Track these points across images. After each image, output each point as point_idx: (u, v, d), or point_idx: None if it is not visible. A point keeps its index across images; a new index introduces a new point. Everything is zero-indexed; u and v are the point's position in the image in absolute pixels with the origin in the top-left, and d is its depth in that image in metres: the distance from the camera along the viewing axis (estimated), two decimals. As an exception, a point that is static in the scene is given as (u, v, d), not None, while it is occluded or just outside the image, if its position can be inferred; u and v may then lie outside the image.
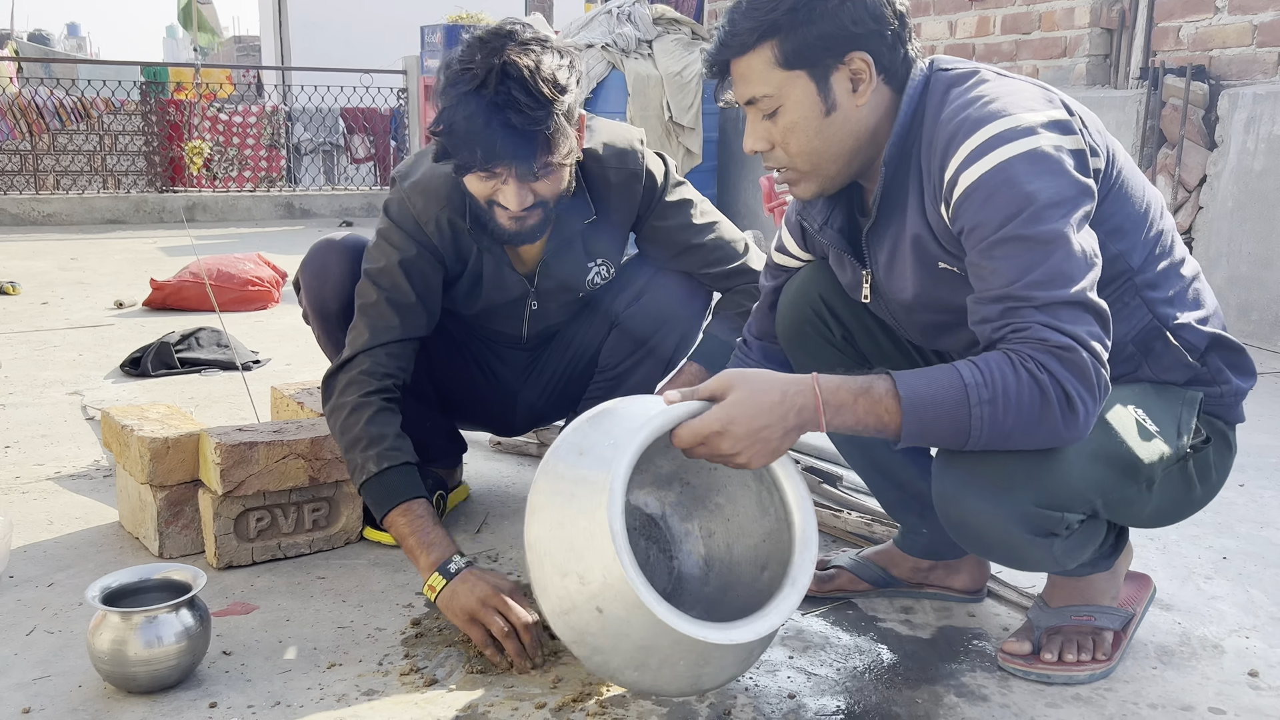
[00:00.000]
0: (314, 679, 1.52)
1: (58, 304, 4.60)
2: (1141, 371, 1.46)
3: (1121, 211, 1.40)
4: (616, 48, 6.39)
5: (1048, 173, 1.28)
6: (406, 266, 1.84)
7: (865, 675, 1.55)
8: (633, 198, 1.93)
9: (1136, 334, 1.44)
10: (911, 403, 1.26)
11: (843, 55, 1.37)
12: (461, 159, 1.65)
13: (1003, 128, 1.30)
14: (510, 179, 1.67)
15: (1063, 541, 1.39)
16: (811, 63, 1.37)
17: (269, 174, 9.02)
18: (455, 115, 1.62)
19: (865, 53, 1.37)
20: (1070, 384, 1.24)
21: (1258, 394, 3.23)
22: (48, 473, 2.41)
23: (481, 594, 1.56)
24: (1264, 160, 3.87)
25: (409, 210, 1.86)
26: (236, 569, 1.89)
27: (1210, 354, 1.46)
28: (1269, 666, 1.59)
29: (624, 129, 1.97)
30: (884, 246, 1.49)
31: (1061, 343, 1.24)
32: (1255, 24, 4.01)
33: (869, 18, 1.36)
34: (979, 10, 5.36)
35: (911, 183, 1.42)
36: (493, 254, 1.91)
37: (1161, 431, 1.41)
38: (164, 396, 3.06)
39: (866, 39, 1.37)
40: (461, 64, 1.64)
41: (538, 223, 1.76)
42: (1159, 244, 1.44)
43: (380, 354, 1.80)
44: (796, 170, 1.44)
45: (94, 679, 1.50)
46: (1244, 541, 2.07)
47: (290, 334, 4.00)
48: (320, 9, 15.53)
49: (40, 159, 8.56)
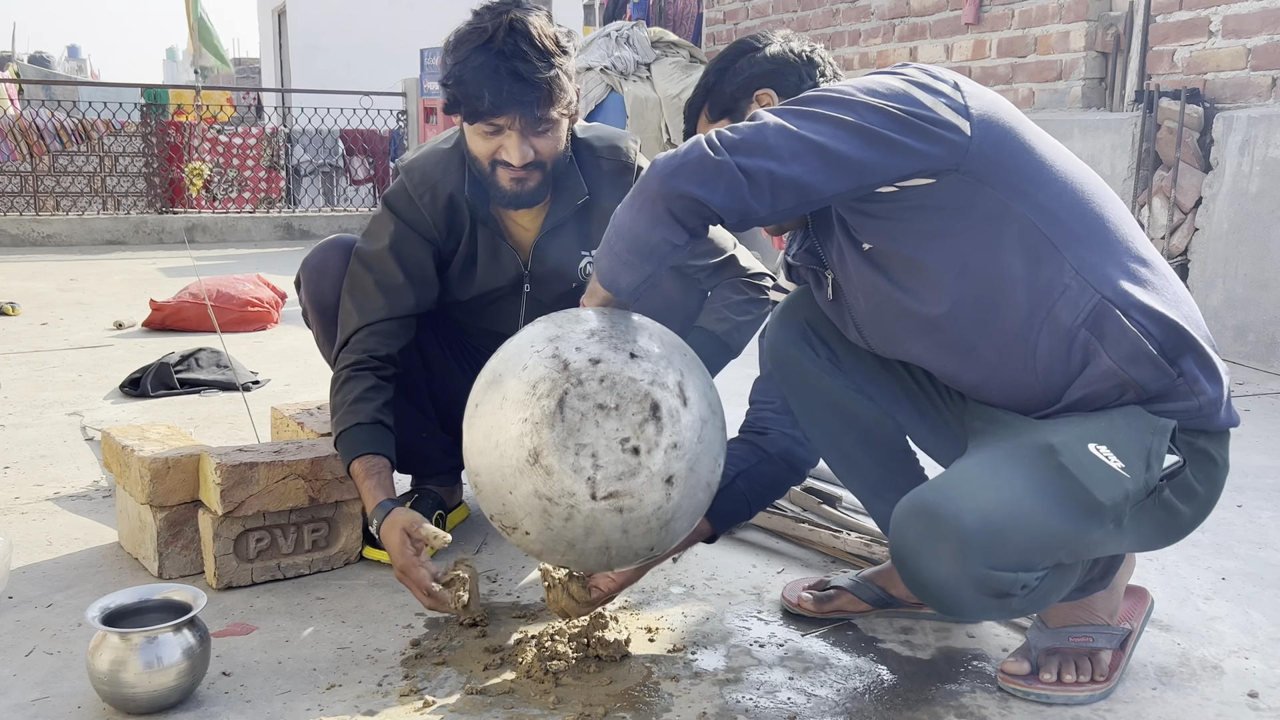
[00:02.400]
0: (313, 700, 1.52)
1: (57, 324, 4.61)
2: (1101, 360, 1.39)
3: (1013, 166, 1.37)
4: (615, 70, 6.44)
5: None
6: (396, 249, 1.95)
7: (865, 696, 1.55)
8: (624, 189, 1.97)
9: (1085, 317, 1.38)
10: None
11: (752, 94, 1.65)
12: (470, 106, 1.77)
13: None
14: (513, 131, 1.78)
15: (1021, 599, 1.39)
16: (729, 110, 1.67)
17: (268, 195, 9.04)
18: (465, 66, 1.76)
19: (769, 89, 1.64)
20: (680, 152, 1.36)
21: (1254, 415, 3.25)
22: (47, 493, 2.41)
23: (392, 542, 1.68)
24: (1259, 182, 3.89)
25: (405, 189, 1.96)
26: (236, 589, 1.89)
27: (1183, 359, 1.39)
28: (1269, 688, 1.59)
29: (618, 131, 2.07)
30: (832, 243, 1.54)
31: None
32: (1249, 48, 4.05)
33: (768, 64, 1.66)
34: (975, 34, 5.41)
35: None
36: (488, 227, 1.96)
37: (1127, 466, 1.36)
38: (163, 417, 3.07)
39: (768, 78, 1.65)
40: (471, 24, 1.80)
41: (537, 186, 1.86)
42: (1081, 208, 1.40)
43: (364, 335, 1.92)
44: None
45: (94, 700, 1.50)
46: (1242, 562, 2.07)
47: (290, 354, 4.00)
48: (320, 32, 15.61)
49: (40, 180, 8.58)
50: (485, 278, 2.01)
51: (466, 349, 2.18)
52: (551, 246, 1.99)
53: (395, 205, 1.97)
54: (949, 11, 5.56)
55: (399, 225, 1.96)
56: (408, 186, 1.95)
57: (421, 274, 1.97)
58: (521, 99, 1.74)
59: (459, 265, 2.00)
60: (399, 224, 1.96)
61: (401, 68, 10.98)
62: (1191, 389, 1.40)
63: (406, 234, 1.95)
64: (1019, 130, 1.40)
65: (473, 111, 1.77)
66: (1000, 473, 1.38)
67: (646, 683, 1.57)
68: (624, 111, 6.34)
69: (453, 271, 2.01)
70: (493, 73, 1.73)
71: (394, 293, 1.94)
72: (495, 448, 1.40)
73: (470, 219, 1.96)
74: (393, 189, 1.99)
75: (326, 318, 2.04)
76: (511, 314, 2.08)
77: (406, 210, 1.96)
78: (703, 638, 1.73)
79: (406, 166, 1.97)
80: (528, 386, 1.38)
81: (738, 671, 1.62)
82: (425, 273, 1.97)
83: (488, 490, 1.43)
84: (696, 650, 1.69)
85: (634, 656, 1.65)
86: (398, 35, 14.01)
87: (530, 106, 1.75)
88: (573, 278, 2.04)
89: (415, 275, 1.96)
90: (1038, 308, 1.40)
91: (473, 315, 2.11)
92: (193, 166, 8.64)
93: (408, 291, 1.95)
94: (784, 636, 1.74)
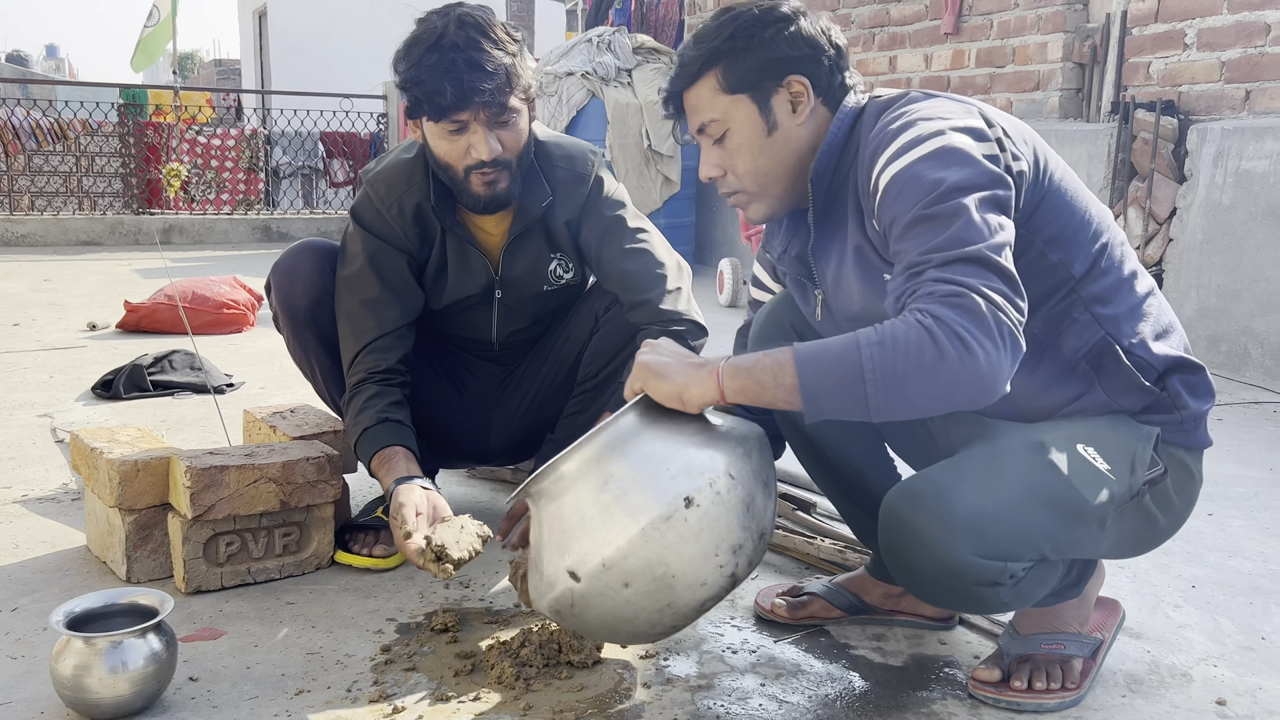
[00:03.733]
0: (281, 706, 1.50)
1: (29, 325, 4.56)
2: (1095, 393, 1.45)
3: (1058, 220, 1.42)
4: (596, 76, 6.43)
5: (955, 164, 1.30)
6: (374, 264, 1.96)
7: (837, 703, 1.55)
8: (576, 199, 1.99)
9: (1088, 350, 1.44)
10: (803, 352, 1.27)
11: (781, 78, 1.46)
12: (433, 103, 1.76)
13: (915, 134, 1.35)
14: (479, 125, 1.79)
15: (1009, 589, 1.40)
16: (752, 86, 1.46)
17: (247, 197, 8.99)
18: (420, 66, 1.76)
19: (803, 76, 1.46)
20: (960, 325, 1.19)
21: (1226, 424, 3.28)
22: (14, 495, 2.38)
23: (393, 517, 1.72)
24: (1232, 194, 3.93)
25: (371, 202, 1.96)
26: (205, 594, 1.87)
27: (1169, 377, 1.46)
28: (1236, 695, 1.60)
29: (584, 144, 2.07)
30: (830, 262, 1.52)
31: (951, 290, 1.22)
32: (1223, 61, 4.09)
33: (805, 44, 1.46)
34: (954, 44, 5.44)
35: (849, 200, 1.47)
36: (456, 234, 1.97)
37: (1113, 469, 1.41)
38: (136, 419, 3.04)
39: (803, 63, 1.46)
40: (419, 28, 1.80)
41: (506, 186, 1.86)
42: (1105, 256, 1.45)
43: (363, 357, 1.96)
44: (746, 193, 1.52)
45: (57, 706, 1.48)
46: (1212, 570, 2.09)
47: (265, 357, 3.98)
48: (301, 33, 15.55)
49: (15, 179, 8.50)
50: (456, 286, 2.01)
51: (440, 355, 2.17)
52: (520, 252, 2.00)
53: (364, 220, 1.97)
54: (928, 21, 5.60)
55: (371, 240, 1.96)
56: (374, 200, 1.96)
57: (402, 285, 1.98)
58: (481, 86, 1.74)
59: (431, 274, 2.01)
60: (371, 239, 1.96)
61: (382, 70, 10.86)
62: (1174, 403, 1.46)
63: (380, 247, 1.96)
64: (1053, 168, 1.43)
65: (436, 109, 1.77)
66: (990, 466, 1.40)
67: (618, 689, 1.57)
68: (605, 117, 6.34)
69: (425, 280, 2.02)
70: (450, 66, 1.73)
71: (380, 308, 1.96)
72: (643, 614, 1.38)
73: (439, 228, 1.96)
74: (359, 203, 1.98)
75: (297, 322, 2.03)
76: (484, 321, 2.07)
77: (376, 224, 1.96)
78: (675, 644, 1.73)
79: (371, 179, 1.97)
80: (699, 599, 1.37)
81: (710, 678, 1.62)
82: (406, 283, 1.99)
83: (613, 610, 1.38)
84: (668, 656, 1.68)
85: (606, 662, 1.65)
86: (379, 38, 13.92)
87: (493, 94, 1.76)
88: (543, 281, 2.04)
89: (396, 287, 1.97)
90: (1046, 335, 1.44)
91: (445, 323, 2.11)
92: (170, 167, 8.57)
93: (393, 304, 1.97)
94: (756, 643, 1.74)
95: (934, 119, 1.36)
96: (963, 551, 1.34)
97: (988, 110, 1.41)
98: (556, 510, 1.38)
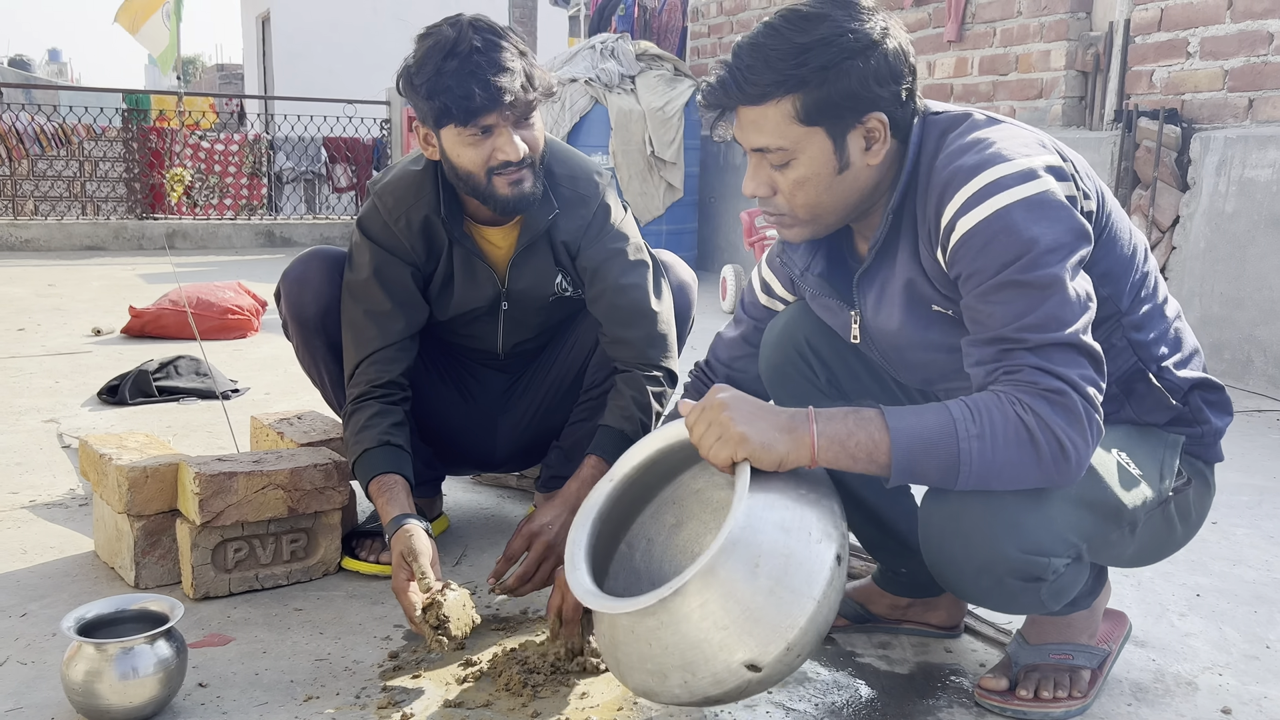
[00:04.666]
0: (291, 712, 1.51)
1: (34, 330, 4.57)
2: (1123, 412, 1.48)
3: (1110, 255, 1.42)
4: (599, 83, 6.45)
5: (1045, 219, 1.29)
6: (380, 275, 1.96)
7: (844, 711, 1.56)
8: (578, 221, 1.99)
9: (1121, 375, 1.46)
10: (900, 433, 1.28)
11: (862, 115, 1.36)
12: (461, 108, 1.75)
13: (1000, 174, 1.31)
14: (505, 127, 1.78)
15: (1050, 585, 1.40)
16: (831, 120, 1.35)
17: (250, 202, 9.01)
18: (442, 74, 1.73)
19: (882, 113, 1.36)
20: (1060, 427, 1.25)
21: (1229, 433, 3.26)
22: (22, 501, 2.39)
23: (393, 560, 1.70)
24: (1235, 202, 3.94)
25: (379, 214, 1.96)
26: (213, 600, 1.88)
27: (1192, 394, 1.49)
28: (1242, 704, 1.60)
29: (588, 162, 2.05)
30: (873, 288, 1.50)
31: (1052, 385, 1.25)
32: (1226, 69, 4.10)
33: (890, 78, 1.35)
34: (957, 51, 5.46)
35: (905, 227, 1.43)
36: (464, 246, 1.96)
37: (1145, 475, 1.43)
38: (142, 425, 3.05)
39: (884, 100, 1.36)
40: (428, 40, 1.78)
41: (530, 186, 1.85)
42: (1144, 286, 1.47)
43: (365, 367, 1.95)
44: (794, 218, 1.44)
45: (68, 711, 1.48)
46: (1217, 579, 2.09)
47: (270, 363, 3.99)
48: (304, 39, 15.59)
49: (19, 184, 8.52)
50: (463, 298, 2.01)
51: (446, 362, 2.18)
52: (527, 264, 2.00)
53: (371, 232, 1.97)
54: (931, 29, 5.61)
55: (378, 251, 1.96)
56: (381, 211, 1.95)
57: (408, 297, 1.98)
58: (509, 86, 1.74)
59: (437, 286, 2.01)
60: (378, 250, 1.96)
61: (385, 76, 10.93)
62: (1197, 418, 1.49)
63: (386, 259, 1.96)
64: (1108, 201, 1.44)
65: (466, 112, 1.74)
66: None
67: (625, 697, 1.57)
68: (608, 123, 6.35)
69: (431, 291, 2.01)
70: (475, 70, 1.73)
71: (384, 319, 1.96)
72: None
73: (447, 239, 1.96)
74: (366, 214, 1.98)
75: (307, 330, 2.04)
76: (490, 332, 2.08)
77: (383, 236, 1.96)
78: (682, 651, 1.73)
79: (379, 190, 1.97)
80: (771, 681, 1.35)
81: (717, 685, 1.62)
82: (411, 295, 1.99)
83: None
84: (676, 664, 1.68)
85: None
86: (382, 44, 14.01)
87: (519, 94, 1.75)
88: (549, 294, 2.04)
89: (401, 299, 1.97)
90: None
91: (452, 334, 2.11)
92: (174, 172, 8.59)
93: (398, 316, 1.96)
94: (763, 651, 1.74)
95: (1013, 156, 1.32)
96: (1007, 547, 1.34)
97: (1054, 142, 1.40)
98: (694, 610, 1.28)
